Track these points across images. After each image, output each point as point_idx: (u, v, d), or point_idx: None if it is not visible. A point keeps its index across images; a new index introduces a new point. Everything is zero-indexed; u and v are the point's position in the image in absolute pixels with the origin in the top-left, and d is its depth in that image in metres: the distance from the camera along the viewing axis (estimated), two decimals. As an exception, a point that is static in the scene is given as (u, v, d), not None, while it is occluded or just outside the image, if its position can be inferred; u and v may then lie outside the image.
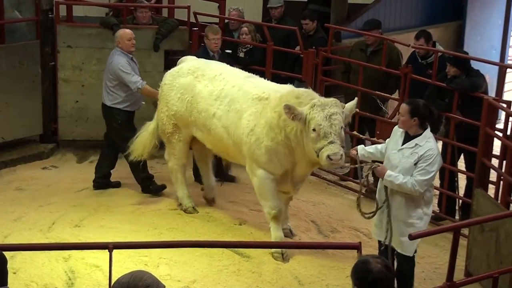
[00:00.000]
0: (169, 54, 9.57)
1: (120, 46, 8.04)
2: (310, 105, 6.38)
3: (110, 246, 4.21)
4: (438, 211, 8.04)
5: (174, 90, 7.57)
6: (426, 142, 5.87)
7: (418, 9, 11.19)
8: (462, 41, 11.36)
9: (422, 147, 5.85)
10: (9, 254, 4.19)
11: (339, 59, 9.13)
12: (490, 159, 6.99)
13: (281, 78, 8.74)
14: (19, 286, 6.28)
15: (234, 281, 6.53)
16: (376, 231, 6.23)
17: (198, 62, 7.72)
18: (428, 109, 5.97)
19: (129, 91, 8.03)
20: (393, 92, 8.71)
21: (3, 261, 4.07)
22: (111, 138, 8.32)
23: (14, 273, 6.42)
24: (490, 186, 7.07)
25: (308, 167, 6.86)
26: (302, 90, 6.81)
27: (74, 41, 9.25)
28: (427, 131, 5.95)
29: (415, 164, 5.82)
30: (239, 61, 9.14)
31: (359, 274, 3.73)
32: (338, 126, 6.31)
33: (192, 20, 9.46)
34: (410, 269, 6.11)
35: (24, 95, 9.18)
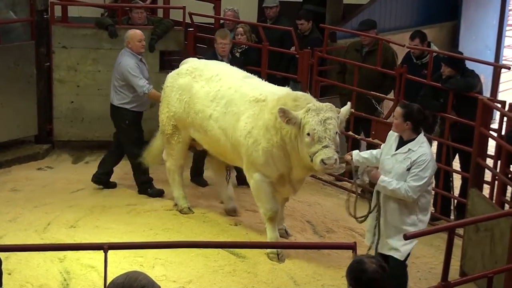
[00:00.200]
0: (164, 54, 9.57)
1: (130, 46, 8.01)
2: (305, 109, 6.35)
3: (105, 247, 4.21)
4: (433, 211, 8.05)
5: (173, 91, 7.57)
6: (419, 147, 5.80)
7: (413, 9, 11.20)
8: (457, 41, 11.37)
9: (415, 152, 5.78)
10: (4, 255, 4.20)
11: (335, 60, 9.14)
12: (485, 159, 7.00)
13: (276, 78, 8.75)
14: (14, 287, 6.27)
15: (229, 281, 6.53)
16: (368, 236, 6.17)
17: (197, 63, 7.72)
18: (422, 113, 5.91)
19: (136, 92, 8.01)
20: (388, 92, 8.71)
21: (-2, 262, 4.06)
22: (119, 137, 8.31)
23: (9, 274, 6.41)
24: (485, 186, 7.08)
25: (304, 172, 6.79)
26: (300, 93, 6.79)
27: (69, 41, 9.24)
28: (421, 136, 5.88)
29: (408, 169, 5.75)
30: (235, 61, 9.15)
31: (354, 274, 3.74)
32: (333, 131, 6.28)
33: (187, 20, 9.46)
34: (402, 274, 5.99)
35: (19, 96, 9.17)
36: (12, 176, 8.78)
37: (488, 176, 7.11)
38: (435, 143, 8.36)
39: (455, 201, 7.93)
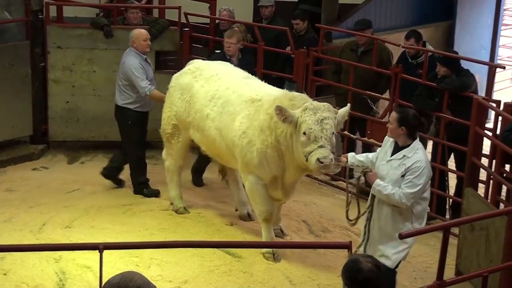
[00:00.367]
0: (160, 54, 9.57)
1: (135, 46, 7.99)
2: (302, 108, 6.30)
3: (100, 247, 4.20)
4: (429, 210, 8.06)
5: (176, 91, 7.57)
6: (415, 154, 5.72)
7: (408, 9, 11.22)
8: (452, 40, 11.39)
9: (410, 159, 5.70)
10: (-1, 255, 4.19)
11: (330, 59, 9.14)
12: (480, 159, 7.01)
13: (271, 78, 8.75)
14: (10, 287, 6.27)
15: (225, 281, 6.53)
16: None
17: (200, 63, 7.70)
18: (417, 119, 5.83)
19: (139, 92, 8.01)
20: (383, 92, 8.73)
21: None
22: None
23: (5, 274, 6.41)
24: (480, 185, 7.10)
25: (297, 173, 6.72)
26: (297, 93, 6.75)
27: (64, 41, 9.23)
28: (416, 142, 5.80)
29: (403, 176, 5.68)
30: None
31: (350, 273, 3.74)
32: (329, 131, 6.22)
33: (183, 20, 9.46)
34: (392, 281, 5.85)
35: (14, 96, 9.15)
36: (7, 176, 8.76)
37: (483, 175, 7.13)
38: (430, 143, 8.38)
39: (451, 200, 7.94)
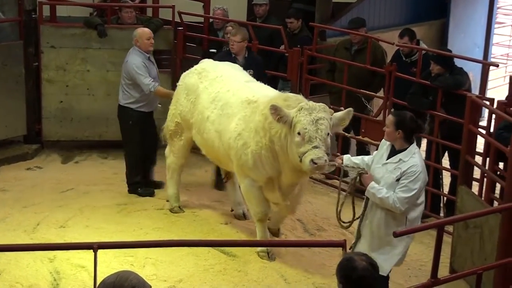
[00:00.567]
0: (154, 53, 9.54)
1: (138, 45, 7.98)
2: (297, 108, 6.21)
3: (94, 246, 4.20)
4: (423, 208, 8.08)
5: (182, 90, 7.56)
6: (411, 158, 5.64)
7: (402, 7, 11.24)
8: (446, 39, 11.41)
9: (406, 163, 5.62)
10: (-7, 255, 4.17)
11: (324, 58, 9.14)
12: (473, 157, 7.02)
13: (265, 77, 8.74)
14: (4, 287, 6.26)
15: (220, 280, 6.53)
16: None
17: (207, 63, 7.66)
18: (414, 122, 5.74)
19: (143, 91, 7.98)
20: (377, 90, 8.74)
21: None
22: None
23: (-1, 274, 6.39)
24: (474, 183, 7.11)
25: (293, 175, 6.54)
26: (292, 94, 6.70)
27: (57, 41, 9.21)
28: (413, 146, 5.72)
29: (398, 180, 5.60)
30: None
31: (344, 271, 3.74)
32: (324, 131, 6.12)
33: (177, 19, 9.45)
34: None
35: (7, 96, 9.12)
36: (1, 176, 8.74)
37: (477, 173, 7.15)
38: (425, 141, 8.40)
39: (445, 198, 7.96)
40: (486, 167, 6.72)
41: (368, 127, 8.36)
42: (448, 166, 8.03)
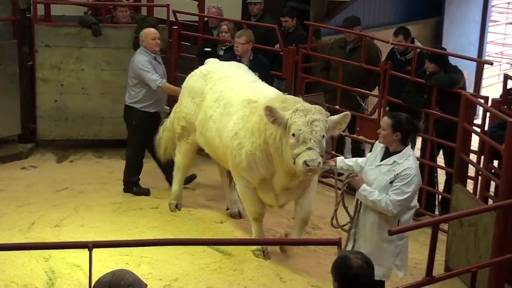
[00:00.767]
0: (148, 52, 9.54)
1: (144, 45, 8.01)
2: (292, 109, 6.12)
3: (89, 245, 4.19)
4: (418, 207, 8.08)
5: (187, 93, 7.51)
6: (405, 160, 5.53)
7: (396, 6, 11.26)
8: (441, 37, 11.44)
9: (400, 165, 5.51)
10: (-12, 254, 4.17)
11: (319, 56, 9.14)
12: (468, 155, 7.03)
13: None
14: (-1, 287, 6.25)
15: (215, 279, 6.53)
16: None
17: (212, 65, 7.62)
18: (411, 123, 5.65)
19: (149, 91, 7.95)
20: (372, 89, 8.75)
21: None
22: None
23: (-6, 273, 6.38)
24: (468, 181, 7.13)
25: (287, 178, 6.44)
26: (290, 96, 6.61)
27: (52, 40, 9.20)
28: (408, 149, 5.61)
29: (391, 182, 5.50)
30: (219, 59, 9.13)
31: (339, 270, 3.75)
32: (319, 133, 6.02)
33: (171, 18, 9.44)
34: None
35: (1, 95, 9.11)
36: (-5, 175, 8.74)
37: (471, 171, 7.16)
38: (420, 139, 8.41)
39: (440, 196, 7.98)
40: (481, 165, 6.74)
41: (363, 126, 8.37)
42: (443, 164, 8.05)
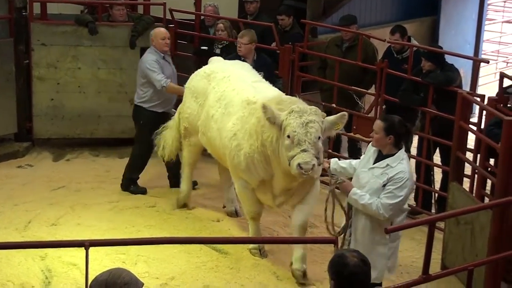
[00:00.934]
0: (144, 51, 9.52)
1: (153, 44, 8.05)
2: (288, 110, 6.02)
3: (86, 244, 4.19)
4: (415, 205, 8.11)
5: (190, 93, 7.47)
6: (399, 164, 5.44)
7: (393, 4, 11.27)
8: (437, 35, 11.45)
9: (394, 169, 5.41)
10: (-16, 253, 4.16)
11: (316, 55, 9.14)
12: (464, 153, 7.04)
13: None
14: (-5, 286, 6.24)
15: (212, 277, 6.53)
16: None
17: (217, 64, 7.59)
18: (404, 126, 5.56)
19: (156, 90, 7.95)
20: (369, 87, 8.75)
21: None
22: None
23: (-10, 272, 6.37)
24: (465, 179, 7.14)
25: (286, 180, 6.35)
26: (287, 97, 6.53)
27: (48, 39, 9.18)
28: (401, 152, 5.52)
29: (384, 185, 5.40)
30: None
31: (336, 268, 3.75)
32: (314, 135, 5.91)
33: (168, 16, 9.43)
34: None
35: (-2, 94, 9.11)
36: (-8, 174, 8.73)
37: (468, 169, 7.17)
38: (416, 137, 8.42)
39: (436, 194, 7.99)
40: (477, 164, 6.74)
41: (359, 124, 8.37)
42: (439, 163, 8.05)
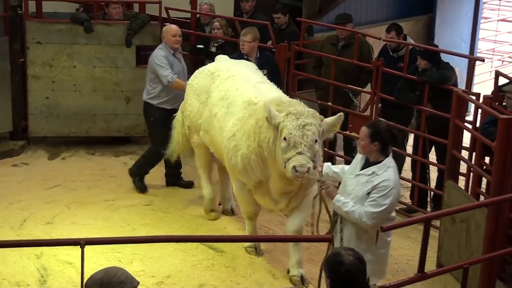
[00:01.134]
0: (140, 49, 9.53)
1: (164, 40, 8.08)
2: (285, 112, 5.95)
3: (82, 242, 4.19)
4: (411, 203, 8.13)
5: (193, 91, 7.40)
6: (385, 172, 5.32)
7: (389, 3, 11.27)
8: (433, 34, 11.47)
9: (379, 176, 5.30)
10: (-21, 252, 4.15)
11: (311, 53, 9.14)
12: (460, 151, 7.06)
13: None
14: (-9, 284, 6.23)
15: (208, 275, 6.53)
16: None
17: (221, 63, 7.53)
18: (390, 132, 5.44)
19: (164, 87, 7.95)
20: (364, 86, 8.75)
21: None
22: None
23: (-15, 271, 6.36)
24: (460, 177, 7.15)
25: (283, 182, 6.23)
26: (288, 99, 6.44)
27: (43, 37, 9.16)
28: (388, 159, 5.39)
29: (368, 193, 5.30)
30: (211, 55, 9.13)
31: (331, 266, 3.75)
32: (311, 138, 5.81)
33: (163, 15, 9.42)
34: None
35: (-7, 92, 9.09)
36: (-13, 173, 8.71)
37: (463, 168, 7.18)
38: (412, 136, 8.43)
39: (432, 193, 8.00)
40: (473, 162, 6.75)
41: (355, 123, 8.37)
42: (435, 161, 8.06)
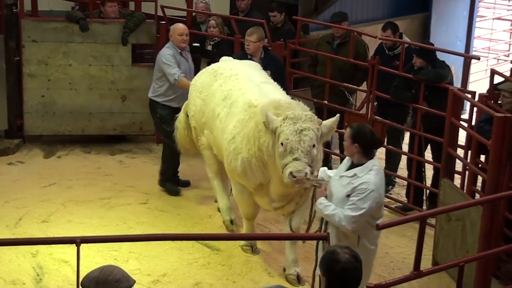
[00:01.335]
0: (136, 47, 9.52)
1: (172, 39, 8.11)
2: (283, 116, 5.84)
3: (77, 241, 4.19)
4: (406, 202, 8.14)
5: (195, 90, 7.36)
6: (366, 174, 5.24)
7: (384, 1, 11.28)
8: (428, 32, 11.48)
9: (360, 179, 5.23)
10: (-25, 250, 4.15)
11: (307, 52, 9.14)
12: (455, 149, 7.07)
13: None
14: (-14, 283, 6.22)
15: (204, 274, 6.53)
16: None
17: (224, 62, 7.49)
18: (372, 136, 5.37)
19: (171, 85, 7.96)
20: (360, 84, 8.76)
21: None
22: None
23: (-19, 270, 6.35)
24: (456, 176, 7.17)
25: (283, 186, 6.09)
26: (287, 101, 6.28)
27: (39, 35, 9.14)
28: (371, 162, 5.31)
29: (348, 196, 5.23)
30: (207, 54, 9.13)
31: (327, 264, 3.76)
32: (308, 143, 5.71)
33: (159, 13, 9.41)
34: None
35: (-12, 91, 9.07)
36: (-18, 171, 8.69)
37: (459, 166, 7.19)
38: (408, 134, 8.44)
39: (427, 191, 8.01)
40: (468, 160, 6.77)
41: (351, 121, 8.36)
42: (430, 159, 8.08)
